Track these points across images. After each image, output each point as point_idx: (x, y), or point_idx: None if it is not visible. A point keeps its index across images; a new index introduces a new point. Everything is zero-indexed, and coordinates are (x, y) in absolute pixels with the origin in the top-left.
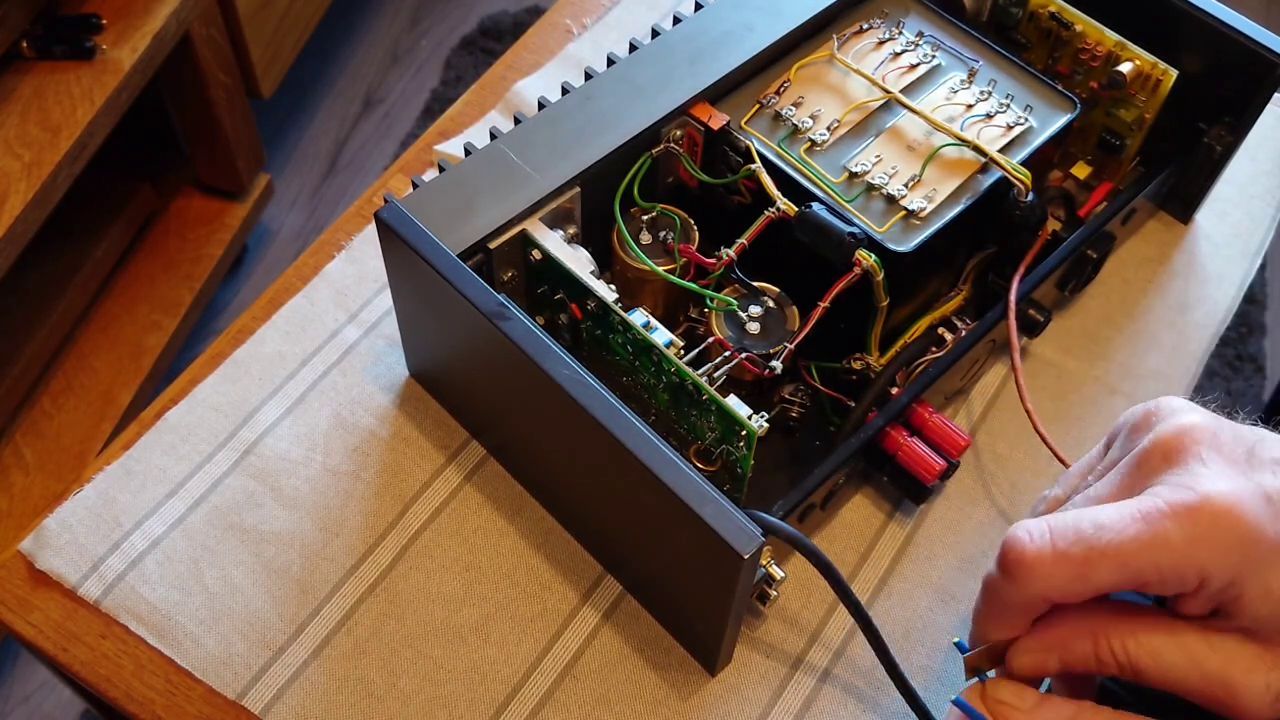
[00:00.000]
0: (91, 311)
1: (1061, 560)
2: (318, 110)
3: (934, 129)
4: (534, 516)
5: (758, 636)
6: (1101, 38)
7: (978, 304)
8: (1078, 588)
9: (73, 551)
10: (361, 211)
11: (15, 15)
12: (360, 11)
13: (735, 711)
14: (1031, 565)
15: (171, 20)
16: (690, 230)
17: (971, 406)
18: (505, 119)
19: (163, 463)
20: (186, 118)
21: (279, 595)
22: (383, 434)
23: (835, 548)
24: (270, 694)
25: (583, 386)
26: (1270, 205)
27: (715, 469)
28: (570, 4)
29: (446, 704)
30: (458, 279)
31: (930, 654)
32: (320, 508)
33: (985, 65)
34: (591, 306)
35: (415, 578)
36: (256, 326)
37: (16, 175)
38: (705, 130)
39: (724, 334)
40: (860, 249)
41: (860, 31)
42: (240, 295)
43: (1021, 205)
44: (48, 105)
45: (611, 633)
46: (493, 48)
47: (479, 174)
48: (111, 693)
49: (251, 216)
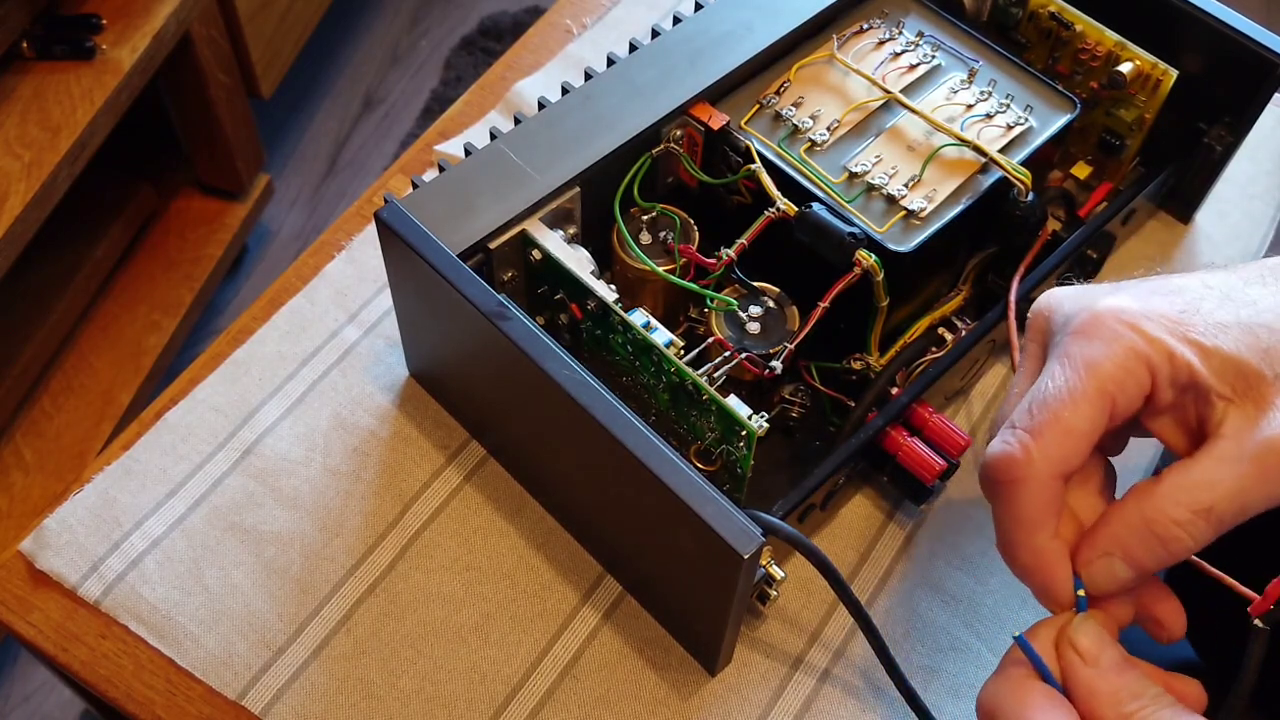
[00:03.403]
0: (91, 311)
1: (1039, 434)
2: (318, 110)
3: (934, 129)
4: (534, 516)
5: (758, 636)
6: (1101, 38)
7: (978, 304)
8: (1070, 444)
9: (73, 551)
10: (361, 211)
11: (15, 15)
12: (360, 11)
13: (735, 711)
14: (1020, 459)
15: (171, 20)
16: (690, 230)
17: (971, 406)
18: (505, 119)
19: (163, 463)
20: (186, 118)
21: (279, 595)
22: (383, 434)
23: (835, 548)
24: (270, 694)
25: (583, 386)
26: (1270, 205)
27: (715, 469)
28: (570, 4)
29: (446, 704)
30: (458, 279)
31: (930, 654)
32: (320, 508)
33: (985, 65)
34: (591, 306)
35: (415, 578)
36: (256, 326)
37: (16, 175)
38: (705, 130)
39: (724, 334)
40: (860, 249)
41: (860, 31)
42: (240, 295)
43: (1021, 205)
44: (48, 105)
45: (611, 633)
46: (493, 48)
47: (479, 174)
48: (111, 693)
49: (251, 216)
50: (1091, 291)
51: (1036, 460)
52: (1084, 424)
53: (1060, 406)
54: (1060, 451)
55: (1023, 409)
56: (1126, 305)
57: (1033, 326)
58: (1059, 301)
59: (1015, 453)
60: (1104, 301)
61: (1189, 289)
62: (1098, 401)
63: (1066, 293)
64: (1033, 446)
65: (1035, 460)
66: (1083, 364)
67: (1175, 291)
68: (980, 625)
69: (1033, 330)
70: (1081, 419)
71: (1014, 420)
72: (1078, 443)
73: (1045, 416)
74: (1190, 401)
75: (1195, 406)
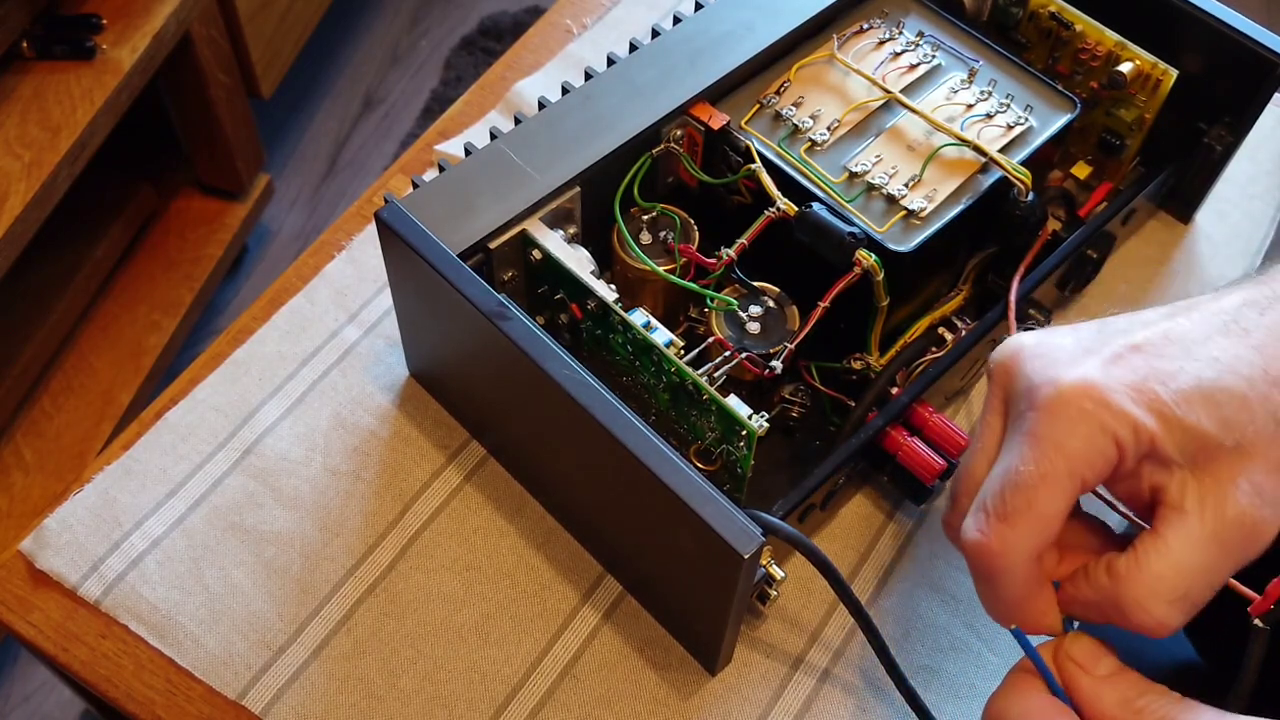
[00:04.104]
0: (91, 311)
1: (1012, 521)
2: (318, 110)
3: (934, 129)
4: (534, 516)
5: (758, 636)
6: (1101, 38)
7: (978, 304)
8: (1042, 528)
9: (73, 551)
10: (361, 211)
11: (15, 15)
12: (360, 11)
13: (735, 711)
14: (996, 550)
15: (171, 20)
16: (690, 230)
17: (971, 406)
18: (505, 119)
19: (163, 463)
20: (186, 118)
21: (279, 595)
22: (383, 434)
23: (835, 548)
24: (270, 694)
25: (583, 386)
26: (1270, 205)
27: (715, 469)
28: (570, 4)
29: (446, 704)
30: (458, 279)
31: (930, 654)
32: (320, 508)
33: (985, 65)
34: (591, 306)
35: (415, 578)
36: (256, 326)
37: (16, 175)
38: (705, 130)
39: (724, 334)
40: (860, 249)
41: (860, 31)
42: (240, 295)
43: (1021, 205)
44: (48, 105)
45: (611, 633)
46: (493, 48)
47: (479, 174)
48: (111, 693)
49: (251, 216)
50: (1054, 354)
51: (1011, 551)
52: (1056, 506)
53: (1032, 492)
54: (1034, 539)
55: (995, 490)
56: (1092, 378)
57: (996, 377)
58: (1022, 361)
59: (991, 544)
60: (1068, 376)
61: (1152, 345)
62: (1068, 484)
63: (1030, 349)
64: (1008, 536)
65: (1010, 551)
66: (1051, 446)
67: (1138, 350)
68: (980, 625)
69: (996, 381)
70: (1053, 502)
71: (987, 504)
72: (1050, 524)
73: (1018, 503)
74: (1149, 470)
75: (1153, 475)
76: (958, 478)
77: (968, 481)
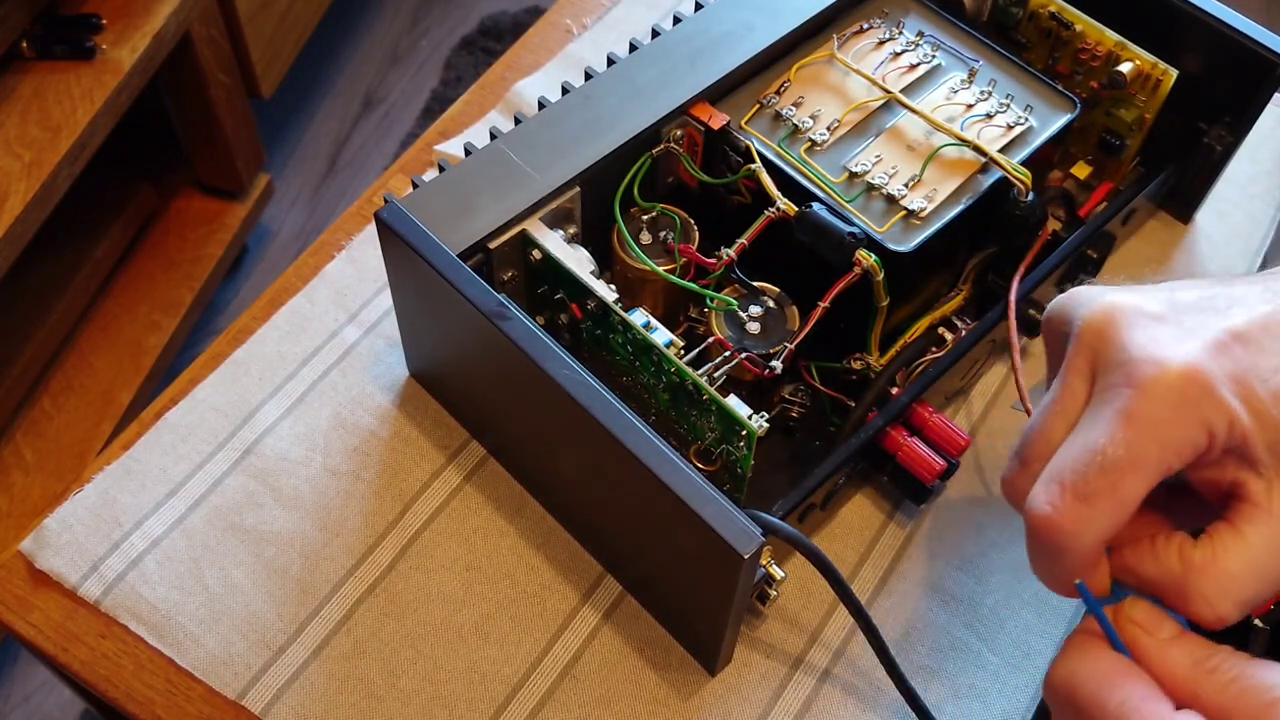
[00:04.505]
0: (91, 311)
1: (1091, 501)
2: (318, 110)
3: (934, 129)
4: (534, 516)
5: (758, 636)
6: (1101, 38)
7: (978, 304)
8: (1121, 513)
9: (73, 551)
10: (361, 211)
11: (15, 15)
12: (360, 11)
13: (735, 711)
14: (1068, 530)
15: (171, 20)
16: (690, 230)
17: (971, 406)
18: (505, 119)
19: (163, 463)
20: (186, 118)
21: (279, 595)
22: (383, 434)
23: (835, 548)
24: (270, 694)
25: (583, 386)
26: (1270, 205)
27: (715, 469)
28: (570, 4)
29: (446, 704)
30: (458, 279)
31: (930, 654)
32: (320, 508)
33: (985, 65)
34: (591, 306)
35: (415, 578)
36: (256, 326)
37: (16, 175)
38: (705, 130)
39: (724, 334)
40: (860, 249)
41: (860, 31)
42: (240, 295)
43: (1021, 205)
44: (48, 105)
45: (611, 633)
46: (493, 48)
47: (479, 174)
48: (111, 693)
49: (251, 216)
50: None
51: (1085, 532)
52: (1139, 492)
53: (1119, 476)
54: (1110, 522)
55: (1076, 466)
56: (1200, 364)
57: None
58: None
59: (1063, 522)
60: (1175, 358)
61: (1253, 335)
62: (1155, 471)
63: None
64: (1083, 516)
65: (1083, 532)
66: (1148, 432)
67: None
68: (980, 625)
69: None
70: (1138, 488)
71: (1065, 479)
72: (1129, 509)
73: (1101, 485)
74: (1232, 464)
75: (1237, 470)
76: (1029, 438)
77: (1041, 445)
